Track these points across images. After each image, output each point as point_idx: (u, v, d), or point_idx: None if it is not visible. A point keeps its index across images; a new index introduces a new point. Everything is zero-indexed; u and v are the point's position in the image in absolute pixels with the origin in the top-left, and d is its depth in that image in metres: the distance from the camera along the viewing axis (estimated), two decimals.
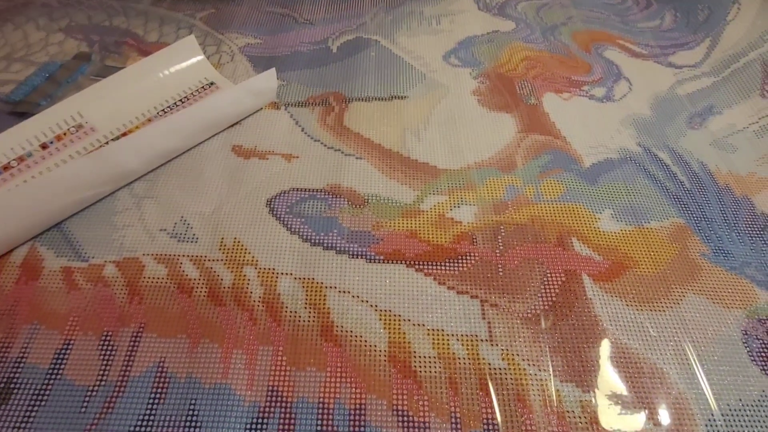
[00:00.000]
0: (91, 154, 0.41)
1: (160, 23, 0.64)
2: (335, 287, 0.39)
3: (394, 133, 0.51)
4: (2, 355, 0.35)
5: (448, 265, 0.40)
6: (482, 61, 0.60)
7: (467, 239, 0.42)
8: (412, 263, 0.41)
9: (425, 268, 0.40)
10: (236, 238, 0.42)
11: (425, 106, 0.54)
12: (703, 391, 0.34)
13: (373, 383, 0.34)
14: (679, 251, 0.42)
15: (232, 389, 0.34)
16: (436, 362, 0.35)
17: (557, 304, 0.38)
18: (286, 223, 0.43)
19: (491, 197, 0.45)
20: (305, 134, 0.51)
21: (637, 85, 0.57)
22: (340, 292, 0.39)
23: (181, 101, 0.52)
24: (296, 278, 0.40)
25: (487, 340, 0.36)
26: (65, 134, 0.47)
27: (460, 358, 0.36)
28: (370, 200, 0.45)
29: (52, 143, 0.47)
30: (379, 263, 0.41)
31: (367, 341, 0.36)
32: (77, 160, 0.41)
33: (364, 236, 0.42)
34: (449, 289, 0.39)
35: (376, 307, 0.38)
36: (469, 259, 0.41)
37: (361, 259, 0.41)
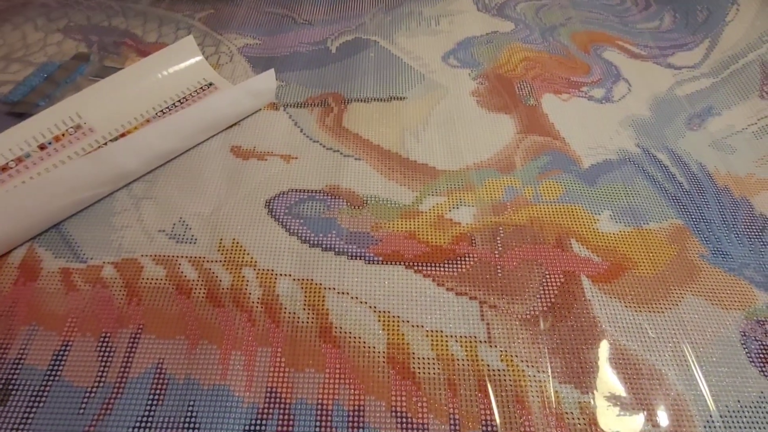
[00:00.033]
0: (89, 154, 0.41)
1: (158, 24, 0.64)
2: (334, 288, 0.39)
3: (393, 133, 0.51)
4: (0, 356, 0.35)
5: (446, 266, 0.40)
6: (481, 61, 0.60)
7: (466, 240, 0.42)
8: (410, 264, 0.41)
9: (424, 269, 0.40)
10: (235, 239, 0.42)
11: (424, 106, 0.54)
12: (701, 392, 0.34)
13: (371, 384, 0.34)
14: (677, 252, 0.42)
15: (230, 390, 0.34)
16: (434, 363, 0.35)
17: (556, 305, 0.38)
18: (284, 224, 0.43)
19: (490, 198, 0.45)
20: (304, 135, 0.51)
21: (636, 86, 0.57)
22: (338, 293, 0.39)
23: (179, 102, 0.52)
24: (295, 279, 0.40)
25: (485, 341, 0.36)
26: (64, 135, 0.47)
27: (458, 359, 0.36)
28: (368, 201, 0.45)
29: (50, 144, 0.47)
30: (377, 264, 0.40)
31: (365, 342, 0.36)
32: (76, 160, 0.41)
33: (362, 237, 0.42)
34: (448, 290, 0.39)
35: (374, 308, 0.38)
36: (467, 260, 0.41)
37: (359, 260, 0.41)
